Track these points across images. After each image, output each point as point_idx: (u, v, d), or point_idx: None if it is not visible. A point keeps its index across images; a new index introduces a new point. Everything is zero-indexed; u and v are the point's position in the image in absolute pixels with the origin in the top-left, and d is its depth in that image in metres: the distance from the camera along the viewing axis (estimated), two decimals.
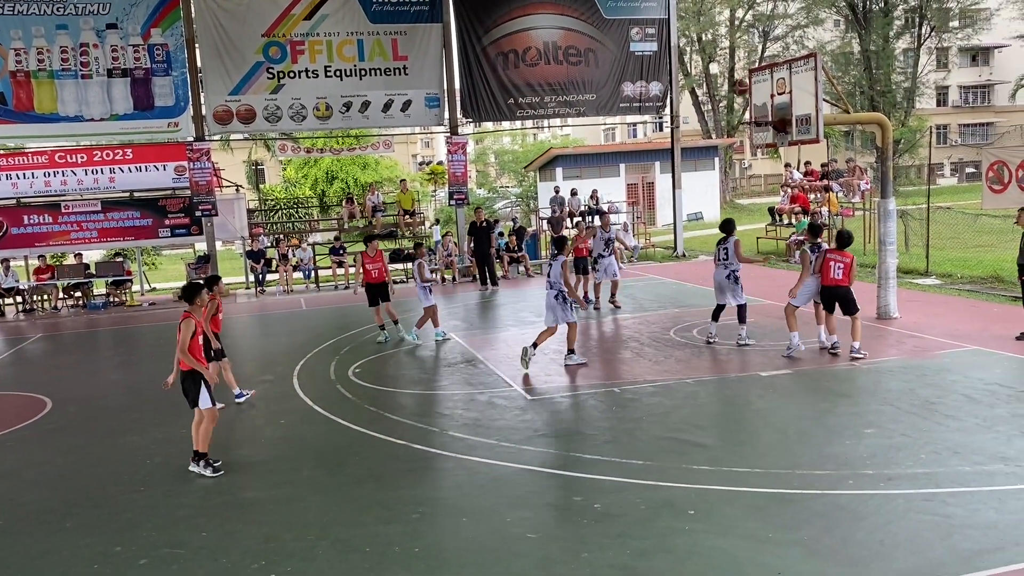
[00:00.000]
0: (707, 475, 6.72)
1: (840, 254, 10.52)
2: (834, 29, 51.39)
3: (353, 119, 22.58)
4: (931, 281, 16.30)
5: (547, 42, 23.28)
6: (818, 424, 7.97)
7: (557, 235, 11.98)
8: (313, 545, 5.87)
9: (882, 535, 5.48)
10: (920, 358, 10.28)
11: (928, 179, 24.03)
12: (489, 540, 5.81)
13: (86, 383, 12.23)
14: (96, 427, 9.54)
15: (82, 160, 21.94)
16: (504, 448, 7.75)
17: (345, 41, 22.02)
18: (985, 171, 16.20)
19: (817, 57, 11.94)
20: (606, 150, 44.91)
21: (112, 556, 5.90)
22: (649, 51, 24.15)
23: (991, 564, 5.02)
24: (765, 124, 12.91)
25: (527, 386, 10.06)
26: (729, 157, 49.75)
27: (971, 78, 64.38)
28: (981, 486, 6.20)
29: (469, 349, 12.59)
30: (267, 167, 51.15)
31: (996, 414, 7.87)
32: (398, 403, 9.70)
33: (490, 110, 23.48)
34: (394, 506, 6.53)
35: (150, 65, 20.99)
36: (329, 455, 8.01)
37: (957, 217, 19.27)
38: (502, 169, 61.74)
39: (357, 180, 42.60)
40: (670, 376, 10.19)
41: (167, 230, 22.38)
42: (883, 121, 13.03)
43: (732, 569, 5.16)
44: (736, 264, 11.62)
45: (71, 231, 21.68)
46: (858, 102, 43.82)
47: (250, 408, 10.03)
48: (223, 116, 21.54)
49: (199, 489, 7.21)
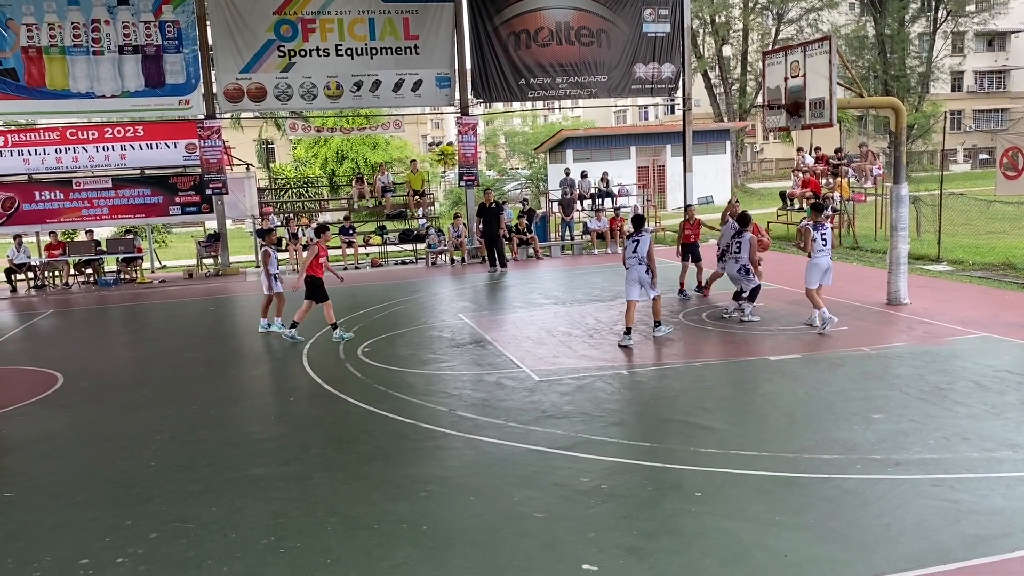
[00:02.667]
0: (714, 458, 6.73)
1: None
2: (849, 12, 50.89)
3: (364, 98, 22.49)
4: (942, 267, 16.21)
5: (559, 22, 23.10)
6: (826, 408, 7.96)
7: (636, 215, 12.03)
8: (322, 522, 5.91)
9: (889, 520, 5.48)
10: (930, 344, 10.24)
11: (941, 165, 23.85)
12: (496, 519, 5.85)
13: (97, 359, 12.30)
14: (107, 402, 9.62)
15: (93, 137, 21.97)
16: (512, 428, 7.77)
17: (356, 20, 21.91)
18: (999, 157, 16.04)
19: (832, 40, 11.83)
20: (617, 132, 44.66)
21: (123, 529, 5.96)
22: (662, 32, 23.93)
23: (998, 550, 5.02)
24: (778, 107, 12.82)
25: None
26: (741, 141, 49.44)
27: (987, 63, 63.63)
28: (989, 472, 6.19)
29: (478, 330, 12.60)
30: (277, 146, 51.15)
31: (1006, 401, 7.85)
32: (407, 383, 9.73)
33: (501, 91, 23.34)
34: (402, 484, 6.56)
35: (161, 42, 20.93)
36: (338, 433, 8.06)
37: (970, 203, 19.13)
38: (512, 150, 61.53)
39: (367, 160, 42.51)
40: (678, 359, 10.19)
41: (178, 208, 22.44)
42: (897, 106, 12.92)
43: (738, 551, 5.17)
44: (747, 258, 12.00)
45: (82, 208, 21.76)
46: (872, 86, 43.51)
47: (260, 385, 10.08)
48: (234, 94, 21.50)
49: (209, 464, 7.27)
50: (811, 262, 11.35)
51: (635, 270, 11.03)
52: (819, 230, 11.29)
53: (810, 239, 11.27)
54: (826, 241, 11.31)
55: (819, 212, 11.93)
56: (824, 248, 11.26)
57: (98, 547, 5.70)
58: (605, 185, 25.72)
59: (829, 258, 11.37)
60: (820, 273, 11.30)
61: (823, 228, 11.35)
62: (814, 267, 11.32)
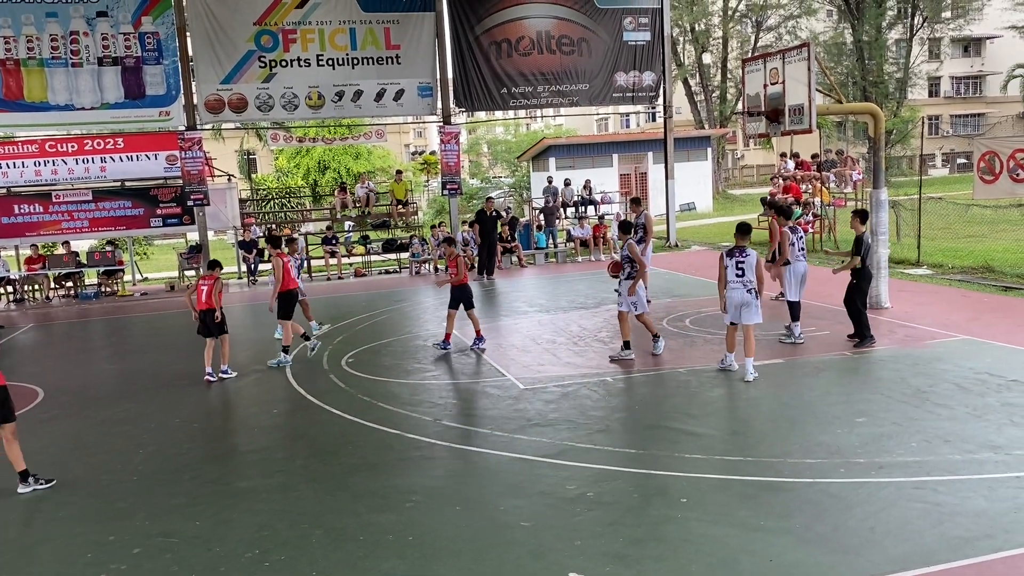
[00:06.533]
0: (699, 463, 6.76)
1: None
2: (827, 19, 51.39)
3: (346, 108, 22.49)
4: (922, 271, 16.36)
5: (540, 31, 23.22)
6: (809, 413, 8.01)
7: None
8: (307, 534, 5.88)
9: (873, 523, 5.51)
10: (911, 347, 10.33)
11: (920, 169, 24.08)
12: (483, 529, 5.84)
13: (78, 373, 12.19)
14: (88, 416, 9.53)
15: (73, 149, 21.80)
16: (497, 437, 7.77)
17: (337, 30, 21.92)
18: (977, 161, 16.25)
19: (810, 47, 11.96)
20: (599, 140, 44.82)
21: (106, 545, 5.90)
22: (642, 41, 24.11)
23: (981, 551, 5.07)
24: (758, 114, 12.93)
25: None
26: (722, 147, 49.74)
27: (963, 69, 64.39)
28: (971, 474, 6.24)
29: (462, 339, 12.59)
30: (259, 156, 50.99)
31: (986, 403, 7.93)
32: (391, 392, 9.70)
33: (483, 99, 23.42)
34: (388, 495, 6.54)
35: (141, 54, 20.85)
36: (323, 444, 8.02)
37: (948, 207, 19.33)
38: (495, 159, 61.63)
39: (349, 170, 42.49)
40: (662, 365, 10.22)
41: (159, 220, 22.29)
42: (876, 111, 13.05)
43: (724, 557, 5.19)
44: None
45: (62, 220, 21.57)
46: (851, 92, 43.87)
47: (244, 397, 10.02)
48: (215, 105, 21.43)
49: (192, 478, 7.22)
50: (790, 268, 11.11)
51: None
52: (796, 234, 11.23)
53: (787, 243, 11.08)
54: (803, 247, 11.26)
55: (787, 216, 11.50)
56: (801, 254, 11.20)
57: (81, 563, 5.64)
58: (588, 193, 25.82)
59: (806, 263, 11.31)
60: (800, 279, 11.09)
61: (799, 232, 11.33)
62: (794, 273, 11.07)
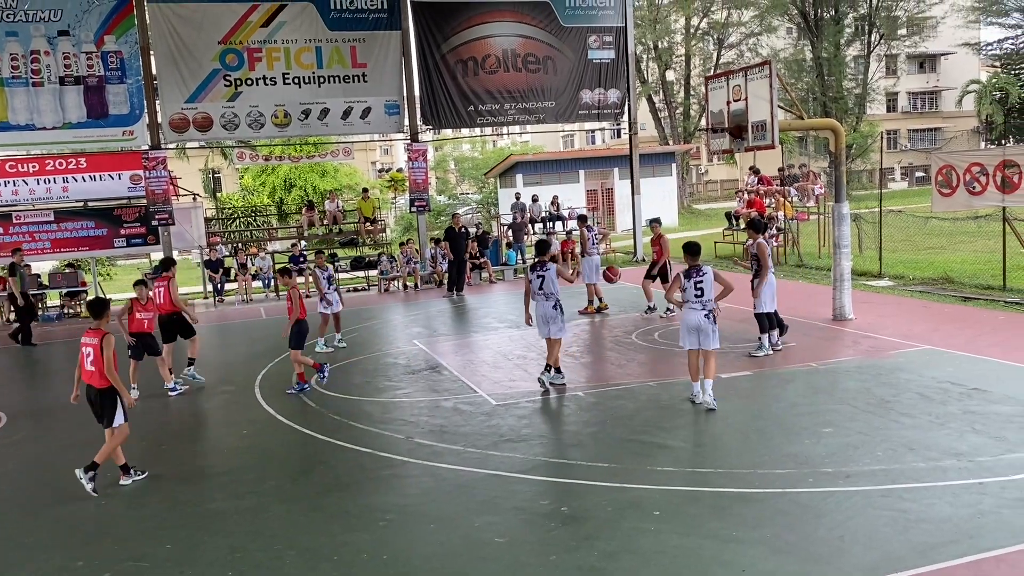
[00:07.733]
0: (671, 476, 6.82)
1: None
2: (787, 36, 52.29)
3: (312, 126, 22.43)
4: (884, 283, 16.67)
5: (506, 50, 23.38)
6: (778, 424, 8.12)
7: (540, 239, 10.61)
8: (280, 555, 5.84)
9: (842, 531, 5.61)
10: (875, 358, 10.51)
11: (880, 183, 24.52)
12: (457, 546, 5.84)
13: (41, 396, 11.99)
14: (53, 440, 9.37)
15: (34, 169, 21.46)
16: (470, 454, 7.77)
17: (303, 48, 21.87)
18: (934, 175, 16.61)
19: (771, 64, 12.17)
20: (566, 157, 45.10)
21: (74, 571, 5.81)
22: (607, 59, 24.38)
23: (946, 557, 5.18)
24: (721, 130, 13.13)
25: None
26: (686, 163, 50.30)
27: (919, 84, 65.96)
28: (935, 481, 6.37)
29: (433, 356, 12.58)
30: (224, 175, 50.52)
31: (948, 411, 8.09)
32: (363, 411, 9.66)
33: (450, 117, 23.49)
34: (361, 514, 6.52)
35: (104, 73, 20.60)
36: (294, 464, 7.97)
37: (908, 220, 19.71)
38: (462, 176, 61.75)
39: (316, 188, 42.29)
40: (633, 379, 10.30)
41: (123, 240, 21.99)
42: (836, 127, 13.31)
43: (697, 568, 5.25)
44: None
45: (23, 242, 21.18)
46: (811, 108, 44.65)
47: (213, 418, 9.91)
48: (179, 124, 21.24)
49: (162, 500, 7.12)
50: (771, 280, 10.92)
51: (542, 306, 9.97)
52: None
53: (765, 253, 10.92)
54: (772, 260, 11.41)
55: (759, 230, 11.31)
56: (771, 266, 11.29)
57: None
58: (555, 208, 25.97)
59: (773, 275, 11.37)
60: (773, 291, 10.98)
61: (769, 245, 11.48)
62: (768, 286, 10.89)
